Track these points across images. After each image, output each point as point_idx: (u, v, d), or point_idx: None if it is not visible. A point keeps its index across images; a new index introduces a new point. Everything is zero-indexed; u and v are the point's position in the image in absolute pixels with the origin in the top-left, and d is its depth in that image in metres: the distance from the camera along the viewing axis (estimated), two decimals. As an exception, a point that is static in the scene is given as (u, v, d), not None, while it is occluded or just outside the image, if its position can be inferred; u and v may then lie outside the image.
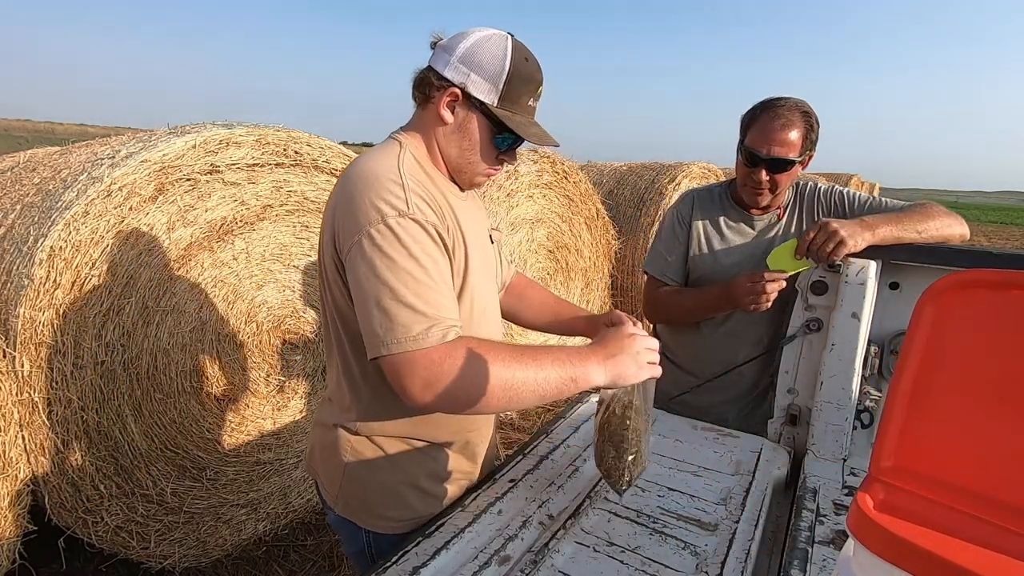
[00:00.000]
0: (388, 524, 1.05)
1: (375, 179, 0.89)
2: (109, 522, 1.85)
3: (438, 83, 0.96)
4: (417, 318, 0.82)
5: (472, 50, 0.94)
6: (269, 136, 2.07)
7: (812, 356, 1.35)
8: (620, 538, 0.99)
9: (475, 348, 0.84)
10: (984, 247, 1.29)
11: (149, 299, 1.86)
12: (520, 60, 0.96)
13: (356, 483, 1.04)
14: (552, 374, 0.87)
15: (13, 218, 1.86)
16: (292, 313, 2.31)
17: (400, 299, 0.82)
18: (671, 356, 1.75)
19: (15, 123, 65.35)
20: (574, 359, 0.89)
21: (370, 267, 0.84)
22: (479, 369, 0.83)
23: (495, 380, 0.83)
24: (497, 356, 0.85)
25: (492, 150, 1.01)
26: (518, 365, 0.85)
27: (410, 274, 0.83)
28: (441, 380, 0.81)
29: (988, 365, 0.49)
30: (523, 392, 0.85)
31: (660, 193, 4.42)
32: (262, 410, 2.29)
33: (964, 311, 0.52)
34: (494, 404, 0.85)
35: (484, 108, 0.96)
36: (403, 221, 0.85)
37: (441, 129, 0.99)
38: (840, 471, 1.23)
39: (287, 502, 2.38)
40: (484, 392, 0.83)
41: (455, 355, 0.82)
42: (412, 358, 0.81)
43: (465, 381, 0.82)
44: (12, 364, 1.60)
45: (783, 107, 1.41)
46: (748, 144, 1.45)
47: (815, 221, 1.55)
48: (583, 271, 4.14)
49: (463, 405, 0.84)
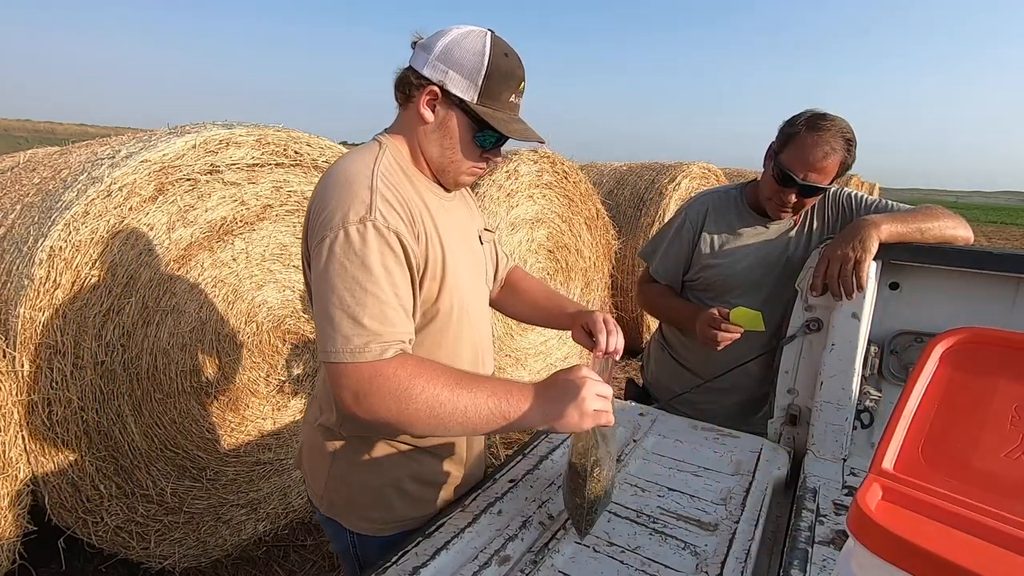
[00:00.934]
0: (371, 526, 1.05)
1: (345, 181, 0.88)
2: (109, 522, 1.85)
3: (417, 82, 0.95)
4: (358, 331, 0.82)
5: (450, 47, 0.93)
6: (269, 136, 2.07)
7: (812, 356, 1.35)
8: (620, 538, 0.99)
9: (410, 369, 0.83)
10: (984, 247, 1.28)
11: (149, 299, 1.86)
12: (499, 56, 0.94)
13: (340, 483, 1.04)
14: (484, 407, 0.84)
15: (13, 218, 1.86)
16: (292, 313, 2.31)
17: (345, 308, 0.82)
18: (676, 356, 1.75)
19: (15, 123, 65.37)
20: (512, 395, 0.86)
21: (325, 271, 0.84)
22: (409, 391, 0.82)
23: (423, 404, 0.82)
24: (431, 380, 0.83)
25: (474, 148, 0.99)
26: (450, 392, 0.83)
27: (359, 284, 0.83)
28: (369, 396, 0.81)
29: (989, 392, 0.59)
30: (449, 420, 0.84)
31: (660, 193, 4.42)
32: (262, 410, 2.29)
33: (970, 358, 0.64)
34: (419, 427, 0.84)
35: (464, 105, 0.94)
36: (362, 228, 0.84)
37: (422, 128, 0.98)
38: (840, 471, 1.23)
39: (287, 502, 2.38)
40: (410, 414, 0.82)
41: (387, 373, 0.82)
42: (345, 370, 0.82)
43: (391, 401, 0.82)
44: (12, 364, 1.60)
45: (827, 132, 1.36)
46: (784, 162, 1.41)
47: (826, 224, 1.55)
48: (583, 271, 4.14)
49: (386, 424, 0.84)
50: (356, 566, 1.09)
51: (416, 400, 0.82)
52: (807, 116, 1.41)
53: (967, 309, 1.28)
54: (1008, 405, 0.57)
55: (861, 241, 1.24)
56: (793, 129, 1.41)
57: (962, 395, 0.59)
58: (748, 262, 1.57)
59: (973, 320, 1.27)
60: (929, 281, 1.30)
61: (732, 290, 1.59)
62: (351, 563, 1.10)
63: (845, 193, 1.55)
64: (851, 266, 1.23)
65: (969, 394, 0.59)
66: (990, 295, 1.25)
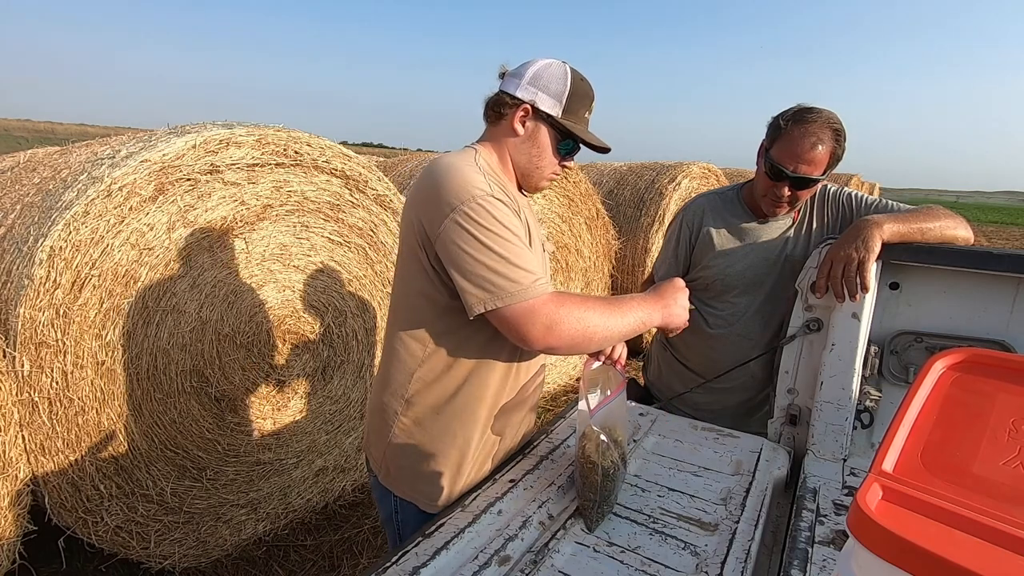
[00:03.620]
0: (419, 497, 1.14)
1: (458, 170, 1.01)
2: (109, 522, 1.85)
3: (511, 102, 1.12)
4: (525, 274, 0.96)
5: (538, 73, 1.12)
6: (269, 136, 2.07)
7: (812, 356, 1.35)
8: (620, 538, 0.99)
9: (574, 297, 1.00)
10: (984, 247, 1.28)
11: (149, 299, 1.86)
12: (577, 80, 1.13)
13: (398, 457, 1.15)
14: (634, 316, 1.06)
15: (13, 218, 1.86)
16: (292, 313, 2.31)
17: (507, 259, 0.95)
18: (678, 356, 1.75)
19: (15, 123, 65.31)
20: (647, 304, 1.09)
21: (470, 237, 0.96)
22: (584, 313, 0.98)
23: (599, 322, 1.00)
24: (592, 304, 1.01)
25: (556, 156, 1.17)
26: (608, 309, 1.02)
27: (508, 240, 0.97)
28: (560, 323, 0.96)
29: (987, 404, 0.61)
30: (615, 332, 1.03)
31: (660, 193, 4.41)
32: (262, 410, 2.29)
33: (969, 375, 0.67)
34: (596, 344, 1.02)
35: (551, 120, 1.12)
36: (491, 200, 0.98)
37: (513, 140, 1.15)
38: (840, 471, 1.23)
39: (287, 502, 2.38)
40: (590, 332, 0.99)
41: (564, 302, 0.98)
42: (531, 306, 0.95)
43: (576, 323, 0.97)
44: (12, 364, 1.60)
45: (814, 123, 1.37)
46: (774, 157, 1.42)
47: (825, 223, 1.55)
48: (583, 271, 4.14)
49: (571, 347, 0.99)
50: (396, 535, 1.20)
51: (592, 319, 0.99)
52: (794, 110, 1.42)
53: (967, 309, 1.28)
54: (1006, 419, 0.58)
55: (864, 241, 1.24)
56: (781, 124, 1.42)
57: (960, 408, 0.60)
58: (747, 262, 1.57)
59: (973, 320, 1.27)
60: (929, 281, 1.30)
61: (731, 290, 1.59)
62: (392, 531, 1.20)
63: (845, 193, 1.55)
64: (855, 267, 1.23)
65: (967, 408, 0.61)
66: (990, 295, 1.25)
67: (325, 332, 2.45)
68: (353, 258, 2.49)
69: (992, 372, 0.66)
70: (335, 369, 2.53)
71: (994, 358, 0.67)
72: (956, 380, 0.65)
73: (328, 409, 2.53)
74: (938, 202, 1.72)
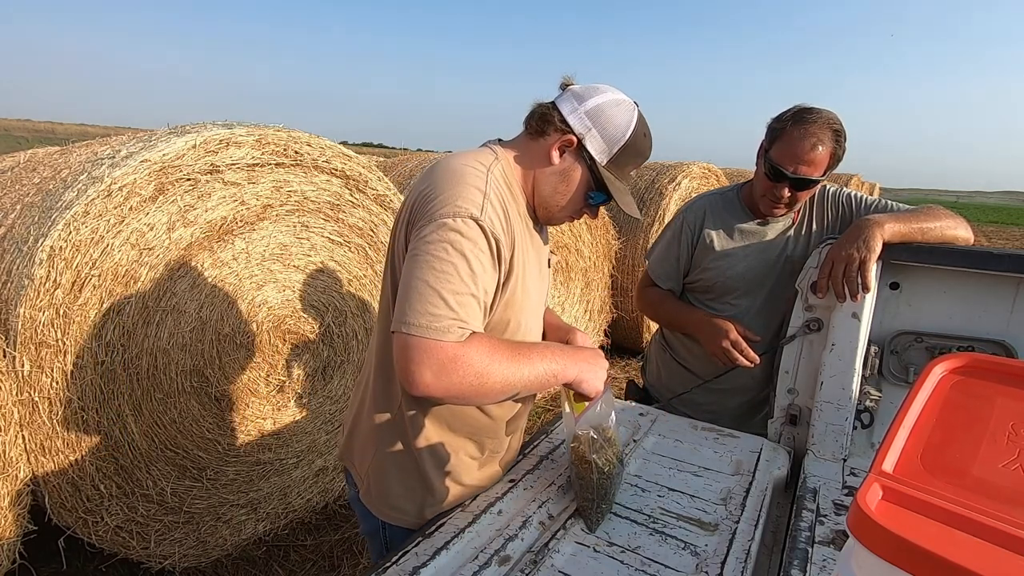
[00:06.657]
0: (401, 517, 1.08)
1: (460, 176, 0.94)
2: (109, 522, 1.85)
3: (559, 125, 1.01)
4: (447, 311, 0.86)
5: (601, 108, 1.00)
6: (269, 136, 2.07)
7: (812, 356, 1.35)
8: (620, 538, 0.99)
9: (484, 349, 0.89)
10: (984, 247, 1.28)
11: (149, 299, 1.86)
12: (639, 134, 1.02)
13: (380, 473, 1.08)
14: (541, 370, 0.95)
15: (13, 218, 1.86)
16: (292, 313, 2.31)
17: (438, 287, 0.86)
18: (677, 357, 1.75)
19: (15, 123, 65.33)
20: (559, 357, 0.99)
21: (427, 249, 0.88)
22: (484, 367, 0.88)
23: (499, 379, 0.89)
24: (500, 353, 0.90)
25: (582, 202, 1.06)
26: (514, 359, 0.92)
27: (457, 270, 0.87)
28: (449, 374, 0.85)
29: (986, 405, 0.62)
30: (515, 384, 0.92)
31: (660, 193, 4.41)
32: (262, 410, 2.29)
33: (968, 379, 0.67)
34: (491, 399, 0.94)
35: (592, 164, 1.01)
36: (469, 223, 0.89)
37: (544, 167, 1.03)
38: (840, 471, 1.23)
39: (287, 502, 2.38)
40: (487, 386, 0.89)
41: (466, 352, 0.87)
42: (429, 346, 0.85)
43: (472, 378, 0.87)
44: (12, 364, 1.60)
45: (814, 124, 1.36)
46: (774, 158, 1.41)
47: (825, 223, 1.55)
48: (583, 271, 4.14)
49: (458, 399, 0.90)
50: (383, 547, 1.13)
51: (492, 376, 0.88)
52: (793, 111, 1.42)
53: (967, 309, 1.28)
54: (1005, 423, 0.58)
55: (865, 241, 1.24)
56: (780, 124, 1.41)
57: (960, 411, 0.61)
58: (748, 263, 1.57)
59: (973, 320, 1.27)
60: (929, 281, 1.30)
61: (732, 291, 1.59)
62: (378, 544, 1.13)
63: (844, 193, 1.55)
64: (856, 267, 1.23)
65: (967, 411, 0.61)
66: (990, 295, 1.25)
67: (325, 332, 2.45)
68: (353, 258, 2.49)
69: (992, 376, 0.66)
70: (335, 369, 2.53)
71: (994, 363, 0.68)
72: (956, 383, 0.66)
73: (328, 409, 2.53)
74: (938, 202, 1.72)
